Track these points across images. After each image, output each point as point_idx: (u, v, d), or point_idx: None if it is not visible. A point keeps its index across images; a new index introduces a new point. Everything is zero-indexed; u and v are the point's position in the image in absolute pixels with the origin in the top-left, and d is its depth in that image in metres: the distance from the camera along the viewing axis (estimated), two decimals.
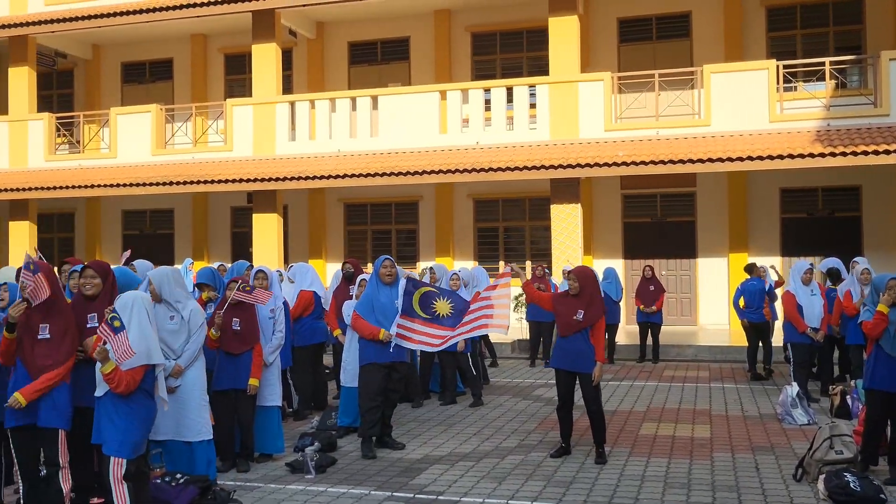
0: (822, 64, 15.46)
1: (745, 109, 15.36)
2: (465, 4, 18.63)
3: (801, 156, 13.93)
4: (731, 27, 17.25)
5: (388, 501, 6.22)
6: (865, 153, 13.59)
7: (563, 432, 7.57)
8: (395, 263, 8.02)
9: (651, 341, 13.95)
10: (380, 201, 19.33)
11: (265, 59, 17.95)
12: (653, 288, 13.93)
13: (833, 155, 13.78)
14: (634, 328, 14.26)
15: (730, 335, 15.66)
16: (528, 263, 17.72)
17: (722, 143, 14.92)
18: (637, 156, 14.73)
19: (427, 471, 7.07)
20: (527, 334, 14.30)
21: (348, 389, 8.54)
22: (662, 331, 14.21)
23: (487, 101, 16.78)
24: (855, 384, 9.20)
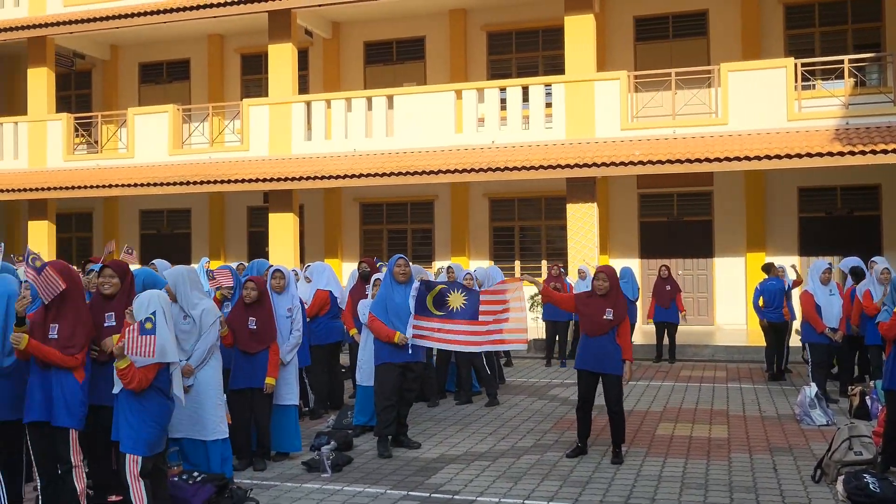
0: (841, 62, 15.35)
1: (762, 108, 15.26)
2: (481, 4, 18.61)
3: (820, 154, 13.83)
4: (749, 25, 17.14)
5: (404, 500, 6.23)
6: (885, 152, 13.46)
7: (581, 433, 7.54)
8: (409, 262, 8.00)
9: (668, 341, 13.91)
10: (395, 201, 19.35)
11: (281, 59, 18.01)
12: (669, 288, 13.88)
13: (852, 154, 13.66)
14: (651, 328, 14.21)
15: (747, 335, 15.57)
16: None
17: (739, 142, 14.83)
18: (653, 155, 14.67)
19: (443, 470, 7.07)
20: (542, 334, 14.28)
21: (364, 388, 8.55)
22: (679, 331, 14.15)
23: (503, 101, 16.76)
24: (874, 385, 9.11)
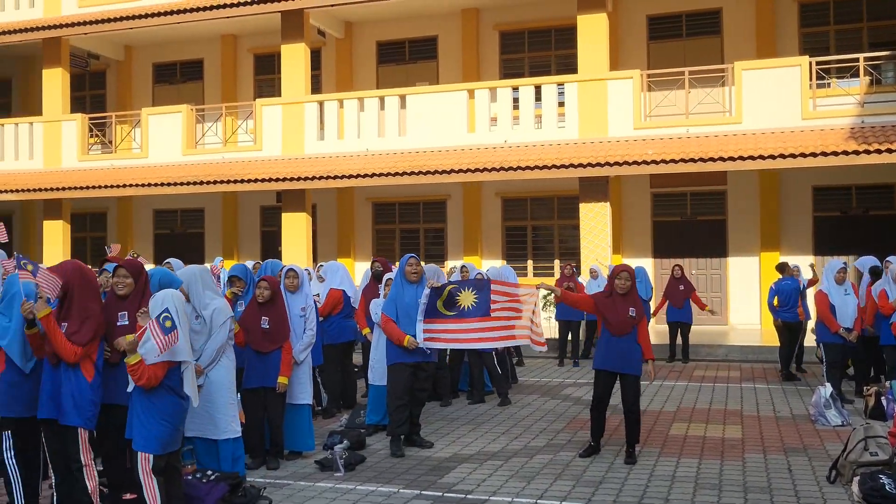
0: (857, 60, 15.22)
1: (777, 106, 15.17)
2: (493, 3, 18.59)
3: (835, 153, 13.74)
4: (763, 23, 17.04)
5: (417, 500, 6.23)
6: None
7: (595, 432, 7.52)
8: (421, 262, 8.00)
9: (681, 341, 13.85)
10: (408, 200, 19.36)
11: (294, 59, 18.05)
12: (682, 287, 13.82)
13: (867, 152, 13.56)
14: (664, 328, 14.16)
15: (761, 335, 15.49)
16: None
17: (753, 141, 14.75)
18: (667, 154, 14.62)
19: (455, 469, 7.07)
20: (555, 333, 14.24)
21: (376, 388, 8.55)
22: (692, 330, 14.09)
23: (516, 100, 16.73)
24: (890, 385, 9.03)
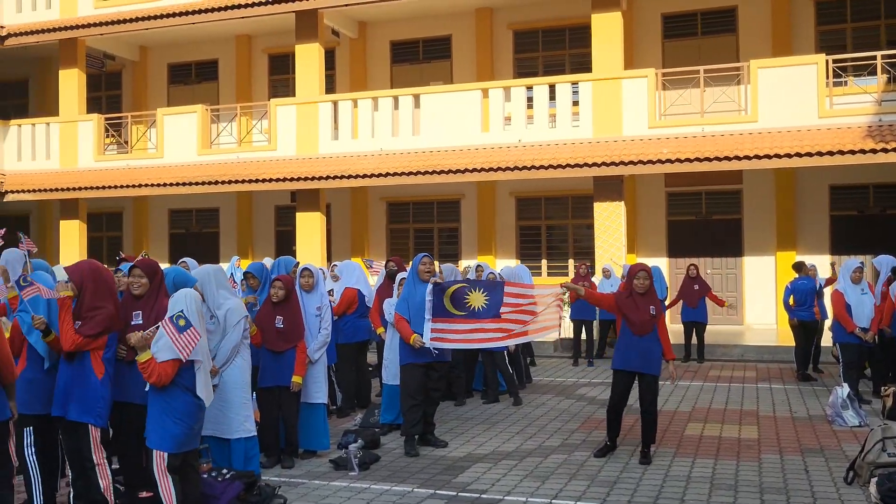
0: (874, 58, 15.10)
1: (793, 105, 15.06)
2: (507, 2, 18.57)
3: (852, 152, 13.64)
4: (779, 21, 16.94)
5: (431, 499, 6.23)
6: None
7: (612, 432, 7.50)
8: (434, 261, 7.99)
9: (696, 340, 13.79)
10: (422, 200, 19.37)
11: (308, 59, 18.09)
12: (697, 287, 13.76)
13: (885, 151, 13.46)
14: (679, 327, 14.09)
15: (777, 335, 15.40)
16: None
17: (769, 140, 14.66)
18: (682, 153, 14.55)
19: (470, 469, 7.06)
20: (568, 333, 14.20)
21: (390, 387, 8.56)
22: (708, 330, 14.01)
23: (530, 99, 16.70)
24: None
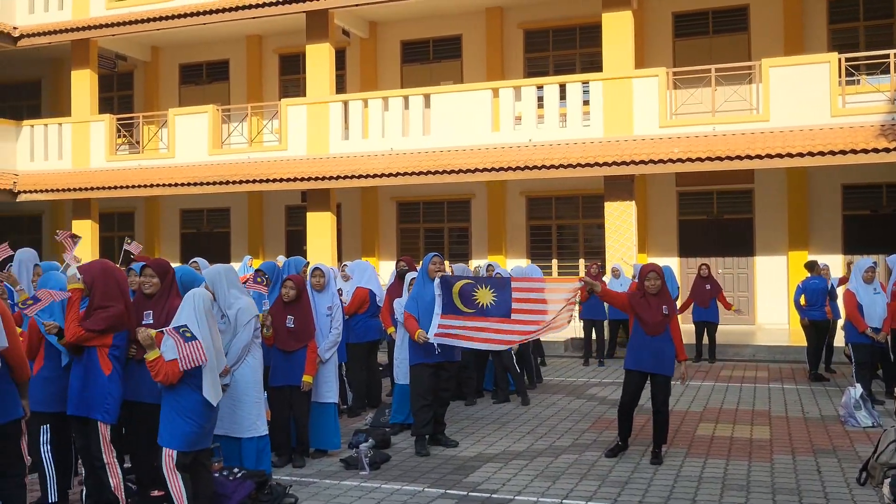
0: (887, 56, 15.00)
1: (805, 104, 14.98)
2: (518, 1, 18.54)
3: (865, 151, 13.55)
4: (791, 19, 16.85)
5: (442, 499, 6.23)
6: None
7: (623, 433, 7.48)
8: (445, 260, 7.99)
9: (707, 340, 13.74)
10: (432, 199, 19.37)
11: (319, 59, 18.12)
12: (709, 287, 13.70)
13: None
14: (691, 327, 14.03)
15: (789, 335, 15.32)
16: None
17: (781, 139, 14.59)
18: (693, 152, 14.50)
19: (480, 469, 7.06)
20: (579, 332, 14.18)
21: (402, 387, 8.57)
22: (719, 330, 13.96)
23: (540, 99, 16.67)
24: None
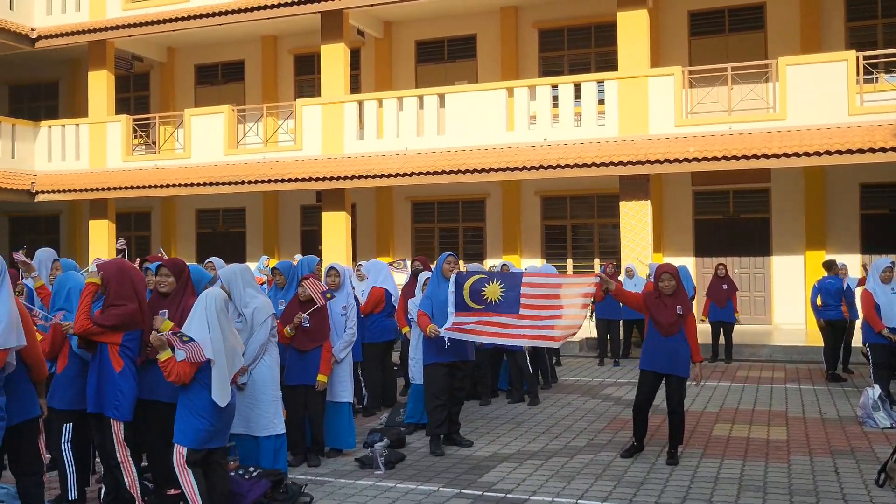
0: None
1: (822, 102, 14.86)
2: (532, 1, 18.50)
3: (883, 150, 13.43)
4: (808, 17, 16.73)
5: (457, 499, 6.22)
6: None
7: (639, 433, 7.45)
8: (459, 260, 7.99)
9: (724, 340, 13.67)
10: (447, 199, 19.36)
11: (334, 59, 18.15)
12: (726, 287, 13.63)
13: None
14: (707, 327, 13.96)
15: (806, 335, 15.21)
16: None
17: (798, 138, 14.49)
18: (709, 151, 14.42)
19: (495, 468, 7.05)
20: (594, 332, 14.14)
21: (417, 386, 8.57)
22: (735, 330, 13.89)
23: (555, 98, 16.62)
24: None
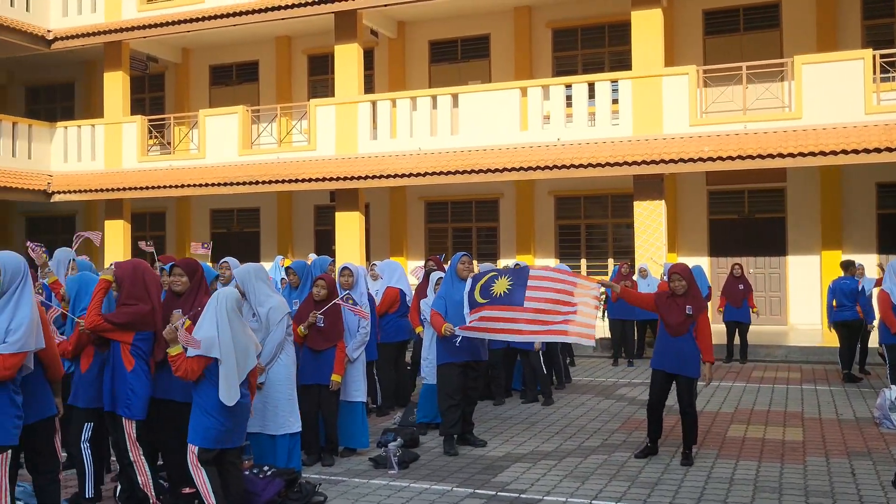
0: None
1: (838, 101, 14.76)
2: (546, 0, 18.47)
3: None
4: (824, 16, 16.61)
5: (470, 499, 6.22)
6: None
7: (652, 434, 7.42)
8: (473, 260, 7.99)
9: (739, 341, 13.59)
10: (460, 199, 19.36)
11: (347, 60, 18.18)
12: (742, 287, 13.56)
13: None
14: (722, 327, 13.89)
15: (822, 335, 15.11)
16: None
17: (814, 137, 14.40)
18: (723, 151, 14.35)
19: (509, 468, 7.04)
20: (608, 332, 14.09)
21: (429, 386, 8.57)
22: (751, 330, 13.82)
23: (569, 98, 16.58)
24: None
